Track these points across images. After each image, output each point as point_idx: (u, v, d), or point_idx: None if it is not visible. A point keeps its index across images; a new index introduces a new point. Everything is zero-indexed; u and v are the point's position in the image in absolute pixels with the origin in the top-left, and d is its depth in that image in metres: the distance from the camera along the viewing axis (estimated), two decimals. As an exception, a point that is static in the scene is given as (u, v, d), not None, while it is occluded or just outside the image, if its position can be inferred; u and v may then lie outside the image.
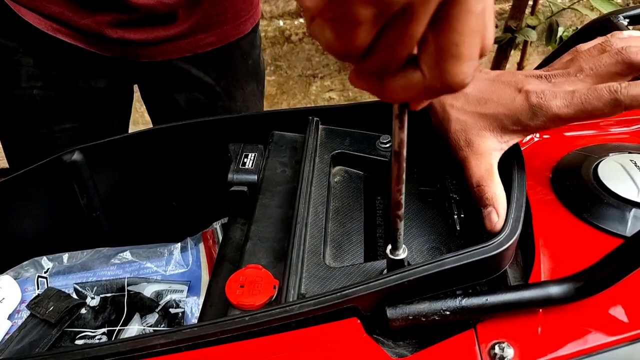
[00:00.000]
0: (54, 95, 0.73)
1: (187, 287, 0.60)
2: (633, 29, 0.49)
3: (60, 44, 0.69)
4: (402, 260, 0.37)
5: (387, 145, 0.52)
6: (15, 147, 0.79)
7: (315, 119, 0.55)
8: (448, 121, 0.44)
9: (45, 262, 0.62)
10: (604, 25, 0.50)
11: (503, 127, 0.42)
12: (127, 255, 0.63)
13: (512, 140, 0.42)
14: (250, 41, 0.82)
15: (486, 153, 0.42)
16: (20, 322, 0.57)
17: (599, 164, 0.46)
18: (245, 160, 0.54)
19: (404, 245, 0.37)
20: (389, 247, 0.37)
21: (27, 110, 0.74)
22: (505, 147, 0.42)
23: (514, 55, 1.61)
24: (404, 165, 0.32)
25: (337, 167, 0.53)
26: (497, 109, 0.42)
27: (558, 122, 0.40)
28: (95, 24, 0.67)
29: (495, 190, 0.40)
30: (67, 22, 0.67)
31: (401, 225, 0.35)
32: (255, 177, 0.52)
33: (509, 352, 0.34)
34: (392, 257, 0.37)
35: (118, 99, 0.81)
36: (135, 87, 0.84)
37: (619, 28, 0.48)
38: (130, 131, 1.78)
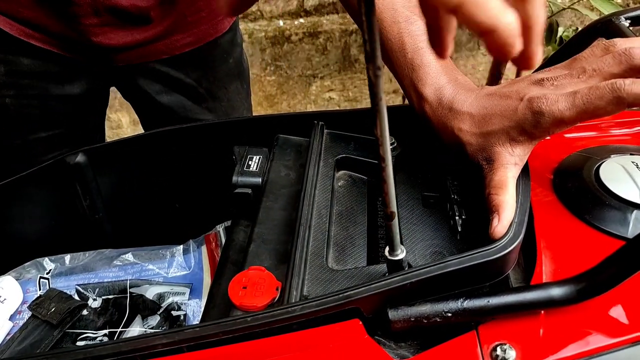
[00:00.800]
0: (27, 103, 0.72)
1: (189, 290, 0.60)
2: (634, 30, 0.49)
3: (33, 50, 0.68)
4: (400, 260, 0.37)
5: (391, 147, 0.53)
6: None
7: (320, 123, 0.56)
8: (462, 146, 0.44)
9: (47, 263, 0.62)
10: (606, 27, 0.50)
11: (512, 140, 0.41)
12: (129, 257, 0.63)
13: (523, 151, 0.42)
14: (229, 39, 0.81)
15: (501, 167, 0.41)
16: (21, 323, 0.57)
17: (600, 165, 0.46)
18: (250, 162, 0.54)
19: (402, 246, 0.37)
20: (387, 248, 0.37)
21: (0, 120, 0.73)
22: (519, 160, 0.42)
23: (515, 56, 1.61)
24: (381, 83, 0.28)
25: (341, 172, 0.53)
26: (502, 123, 0.41)
27: (562, 126, 0.39)
28: (68, 28, 0.66)
29: (503, 198, 0.39)
30: (41, 27, 0.66)
31: (395, 224, 0.35)
32: (260, 179, 0.53)
33: (511, 353, 0.34)
34: (390, 257, 0.37)
35: (94, 103, 0.80)
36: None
37: (620, 29, 0.48)
38: (130, 131, 1.77)
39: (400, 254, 0.37)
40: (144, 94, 0.79)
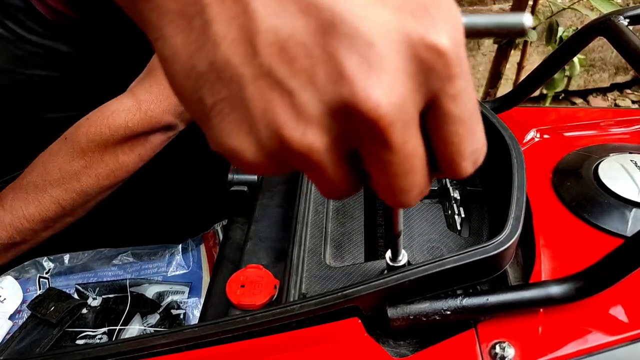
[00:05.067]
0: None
1: (188, 289, 0.60)
2: (633, 29, 0.49)
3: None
4: (401, 267, 0.37)
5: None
6: None
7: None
8: None
9: (47, 262, 0.62)
10: (605, 25, 0.50)
11: None
12: (128, 256, 0.63)
13: None
14: None
15: None
16: (21, 322, 0.57)
17: (599, 164, 0.46)
18: (245, 159, 0.54)
19: (403, 251, 0.37)
20: (388, 254, 0.37)
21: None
22: None
23: (514, 55, 1.61)
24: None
25: (338, 166, 0.53)
26: None
27: None
28: None
29: None
30: None
31: (400, 240, 0.35)
32: (256, 176, 0.52)
33: (510, 351, 0.34)
34: (392, 264, 0.37)
35: None
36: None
37: (619, 28, 0.48)
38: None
39: (402, 259, 0.37)
40: None
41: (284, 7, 0.16)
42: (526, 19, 0.19)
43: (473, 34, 0.19)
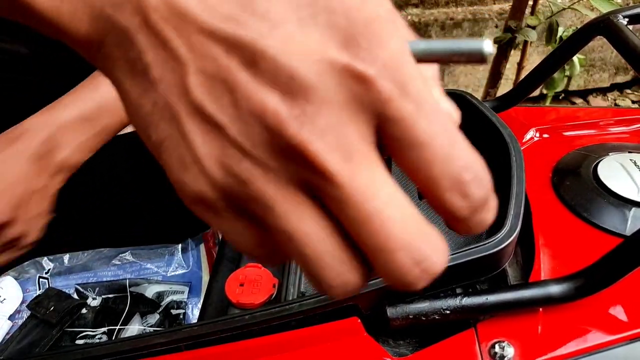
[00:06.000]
0: None
1: (187, 288, 0.60)
2: (633, 28, 0.49)
3: None
4: None
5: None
6: None
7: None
8: None
9: (46, 262, 0.62)
10: (604, 25, 0.50)
11: None
12: (127, 256, 0.63)
13: None
14: None
15: None
16: (21, 322, 0.57)
17: (598, 163, 0.46)
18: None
19: None
20: None
21: None
22: None
23: (514, 55, 1.61)
24: None
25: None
26: None
27: None
28: None
29: None
30: None
31: None
32: None
33: (509, 351, 0.34)
34: None
35: None
36: None
37: (618, 27, 0.48)
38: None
39: None
40: None
41: (209, 49, 0.17)
42: (486, 45, 0.18)
43: (429, 59, 0.18)
